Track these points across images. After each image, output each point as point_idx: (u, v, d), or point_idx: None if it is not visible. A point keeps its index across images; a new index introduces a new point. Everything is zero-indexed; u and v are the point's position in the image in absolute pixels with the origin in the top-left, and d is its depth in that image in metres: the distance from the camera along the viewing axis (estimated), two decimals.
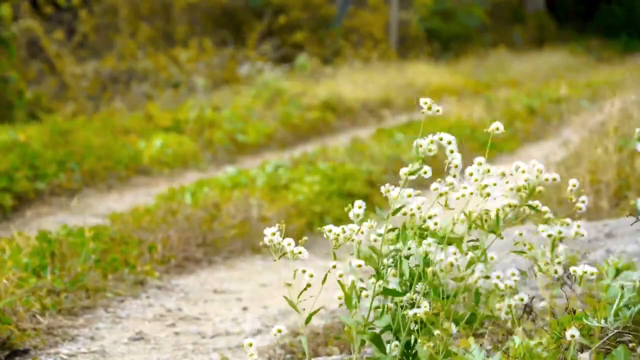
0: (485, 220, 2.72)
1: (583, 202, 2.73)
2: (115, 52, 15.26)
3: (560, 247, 2.79)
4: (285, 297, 2.75)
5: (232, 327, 4.63)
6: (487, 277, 2.76)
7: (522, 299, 2.76)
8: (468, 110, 12.69)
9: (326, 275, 2.75)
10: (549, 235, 2.73)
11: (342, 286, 2.79)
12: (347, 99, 13.86)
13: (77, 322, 4.62)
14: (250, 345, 2.74)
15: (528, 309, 3.42)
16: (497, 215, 2.71)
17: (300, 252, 2.75)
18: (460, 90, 16.02)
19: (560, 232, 2.75)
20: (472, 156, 2.83)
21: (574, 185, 2.71)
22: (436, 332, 2.69)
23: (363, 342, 2.83)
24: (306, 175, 7.98)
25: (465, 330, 3.34)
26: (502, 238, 2.73)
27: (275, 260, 2.72)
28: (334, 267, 2.77)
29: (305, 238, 2.79)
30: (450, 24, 22.14)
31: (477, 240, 2.78)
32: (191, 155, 10.10)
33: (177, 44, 16.21)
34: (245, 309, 5.00)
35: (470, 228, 2.74)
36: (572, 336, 2.60)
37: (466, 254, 2.75)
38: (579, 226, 2.77)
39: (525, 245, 2.79)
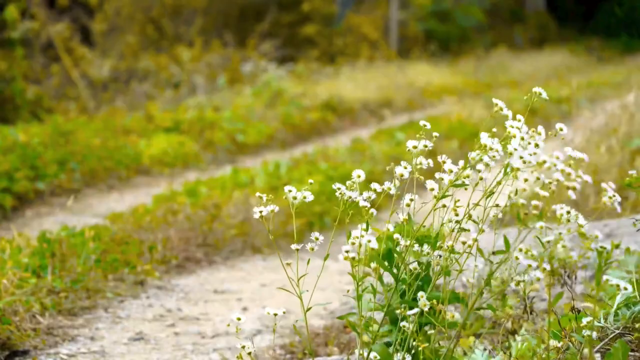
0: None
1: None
2: (116, 51, 15.26)
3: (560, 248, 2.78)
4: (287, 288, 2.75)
5: (232, 327, 4.62)
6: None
7: (544, 269, 2.69)
8: (468, 110, 12.68)
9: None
10: (548, 242, 2.72)
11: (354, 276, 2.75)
12: (348, 99, 13.85)
13: (77, 322, 4.62)
14: (243, 348, 2.75)
15: (528, 309, 3.41)
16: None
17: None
18: (461, 91, 16.02)
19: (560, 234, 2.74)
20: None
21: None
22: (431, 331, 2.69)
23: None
24: (307, 175, 7.98)
25: (467, 330, 3.34)
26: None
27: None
28: (347, 251, 2.72)
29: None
30: (447, 25, 22.13)
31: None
32: (191, 155, 10.09)
33: (180, 42, 16.19)
34: (245, 309, 4.99)
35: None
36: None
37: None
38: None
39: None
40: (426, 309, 2.65)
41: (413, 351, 2.72)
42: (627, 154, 6.63)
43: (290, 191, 2.67)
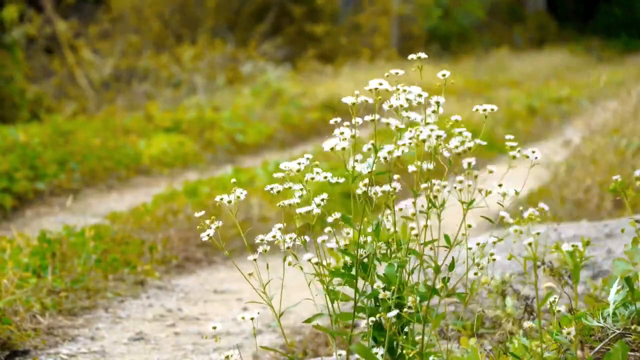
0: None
1: None
2: (117, 50, 15.25)
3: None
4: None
5: (232, 327, 4.62)
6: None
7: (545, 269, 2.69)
8: (468, 110, 12.67)
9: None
10: (529, 244, 2.67)
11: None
12: None
13: (77, 322, 4.62)
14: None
15: (529, 308, 3.41)
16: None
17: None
18: (461, 90, 16.01)
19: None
20: (473, 156, 2.83)
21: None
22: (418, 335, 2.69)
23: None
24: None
25: (466, 330, 3.34)
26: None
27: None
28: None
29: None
30: (448, 23, 22.12)
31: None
32: (191, 155, 10.09)
33: (184, 41, 16.14)
34: (245, 309, 4.99)
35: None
36: (569, 333, 2.60)
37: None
38: None
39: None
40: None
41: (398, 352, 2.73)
42: (628, 153, 6.63)
43: (222, 198, 2.87)
